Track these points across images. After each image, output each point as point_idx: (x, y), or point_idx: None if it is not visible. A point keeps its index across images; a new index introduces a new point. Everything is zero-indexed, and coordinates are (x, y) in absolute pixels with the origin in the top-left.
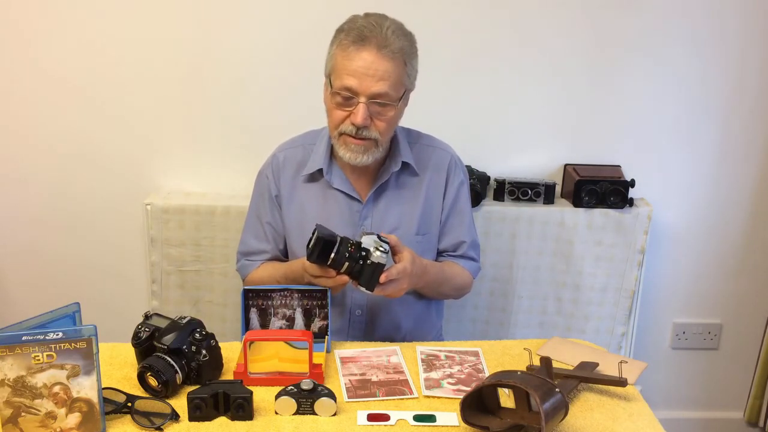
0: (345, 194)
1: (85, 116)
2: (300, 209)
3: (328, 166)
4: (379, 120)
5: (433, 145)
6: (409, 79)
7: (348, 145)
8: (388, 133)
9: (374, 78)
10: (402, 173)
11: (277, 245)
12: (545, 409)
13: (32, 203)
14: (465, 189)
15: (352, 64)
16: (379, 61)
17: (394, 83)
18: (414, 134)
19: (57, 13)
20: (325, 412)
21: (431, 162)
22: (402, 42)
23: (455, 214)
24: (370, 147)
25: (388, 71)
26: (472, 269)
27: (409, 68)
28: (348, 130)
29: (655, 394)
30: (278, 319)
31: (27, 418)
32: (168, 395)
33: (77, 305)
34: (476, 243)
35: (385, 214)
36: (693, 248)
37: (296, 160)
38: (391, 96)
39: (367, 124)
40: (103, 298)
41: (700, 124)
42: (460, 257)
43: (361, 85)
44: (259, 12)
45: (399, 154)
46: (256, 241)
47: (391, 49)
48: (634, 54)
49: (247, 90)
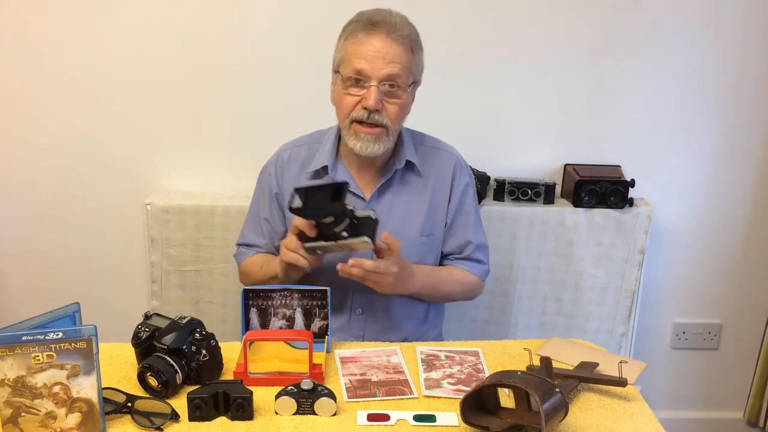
0: (349, 191)
1: (85, 116)
2: None
3: (334, 163)
4: (390, 104)
5: (438, 147)
6: (417, 68)
7: (359, 135)
8: (398, 121)
9: (385, 60)
10: (406, 173)
11: (272, 241)
12: (545, 409)
13: (32, 203)
14: (471, 191)
15: (363, 48)
16: (390, 44)
17: (404, 67)
18: (419, 136)
19: (57, 12)
20: (325, 412)
21: (436, 164)
22: (410, 29)
23: (461, 215)
24: (381, 135)
25: (398, 54)
26: (479, 272)
27: (417, 57)
28: (360, 115)
29: (655, 394)
30: (278, 319)
31: (27, 418)
32: (168, 395)
33: (77, 305)
34: (484, 245)
35: (389, 213)
36: (693, 248)
37: (301, 158)
38: (402, 79)
39: (379, 107)
40: (103, 298)
41: (700, 124)
42: (466, 259)
43: (373, 68)
44: (260, 12)
45: (403, 153)
46: (253, 234)
47: (400, 34)
48: (635, 54)
49: (247, 90)
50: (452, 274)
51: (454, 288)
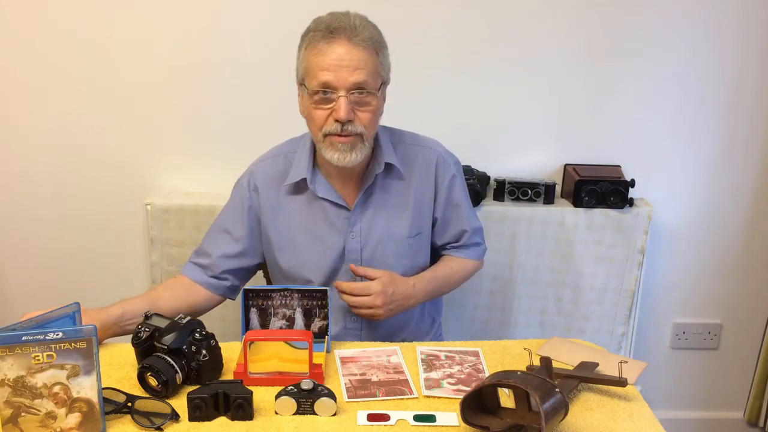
0: (331, 203)
1: (85, 116)
2: (287, 223)
3: (312, 175)
4: (362, 111)
5: (417, 143)
6: (383, 68)
7: (335, 146)
8: (372, 127)
9: (350, 68)
10: (387, 176)
11: (221, 257)
12: (545, 409)
13: (32, 203)
14: (458, 181)
15: (326, 59)
16: (353, 51)
17: (371, 72)
18: (397, 134)
19: (58, 11)
20: (325, 412)
21: (417, 162)
22: (371, 30)
23: (451, 208)
24: (357, 143)
25: (362, 60)
26: (478, 254)
27: (382, 58)
28: (332, 129)
29: (655, 394)
30: (278, 319)
31: (27, 418)
32: (168, 395)
33: (77, 305)
34: (479, 228)
35: (374, 220)
36: (693, 248)
37: (278, 169)
38: (370, 84)
39: (351, 118)
40: (103, 298)
41: (700, 124)
42: (463, 246)
43: (338, 78)
44: (259, 13)
45: (382, 156)
46: (208, 243)
47: (361, 38)
48: (635, 54)
49: (247, 90)
50: (452, 268)
51: (457, 280)
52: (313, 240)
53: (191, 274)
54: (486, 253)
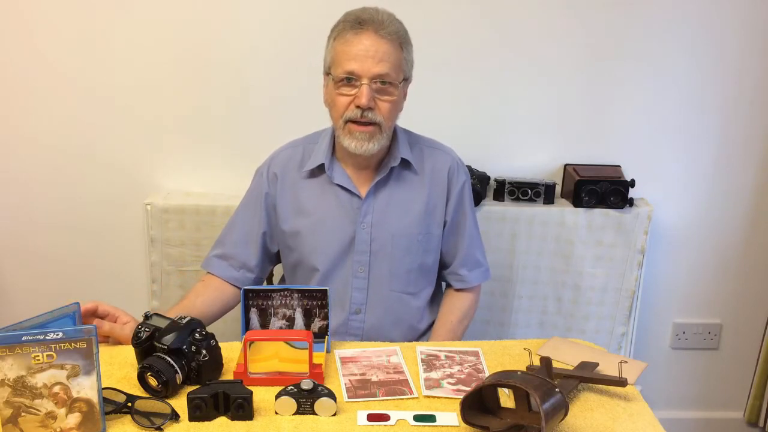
0: (345, 190)
1: (85, 116)
2: (300, 207)
3: (330, 162)
4: (382, 101)
5: (434, 147)
6: (407, 64)
7: (353, 134)
8: (391, 118)
9: (375, 59)
10: (402, 170)
11: (242, 243)
12: (545, 409)
13: (32, 203)
14: (468, 189)
15: (353, 49)
16: (378, 42)
17: (394, 65)
18: (414, 136)
19: (58, 12)
20: (325, 412)
21: (432, 163)
22: (398, 26)
23: (459, 214)
24: (375, 133)
25: (387, 52)
26: (478, 277)
27: (406, 53)
28: (353, 114)
29: (655, 394)
30: (278, 319)
31: (27, 418)
32: (168, 395)
33: (77, 305)
34: (480, 248)
35: (386, 210)
36: (693, 248)
37: (296, 159)
38: (392, 76)
39: (371, 105)
40: (103, 298)
41: (699, 125)
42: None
43: (363, 67)
44: (260, 13)
45: (398, 150)
46: (227, 234)
47: (388, 31)
48: (635, 54)
49: (247, 90)
50: (454, 309)
51: (466, 321)
52: (322, 225)
53: (216, 270)
54: (487, 255)
